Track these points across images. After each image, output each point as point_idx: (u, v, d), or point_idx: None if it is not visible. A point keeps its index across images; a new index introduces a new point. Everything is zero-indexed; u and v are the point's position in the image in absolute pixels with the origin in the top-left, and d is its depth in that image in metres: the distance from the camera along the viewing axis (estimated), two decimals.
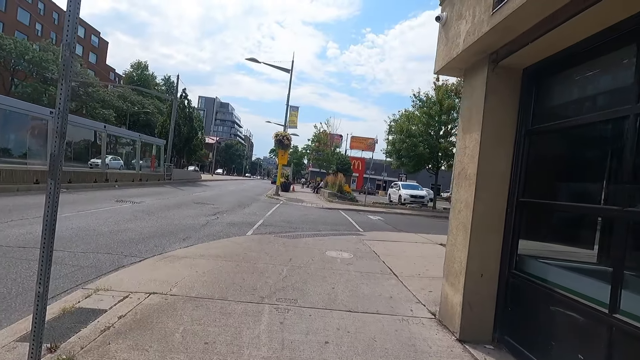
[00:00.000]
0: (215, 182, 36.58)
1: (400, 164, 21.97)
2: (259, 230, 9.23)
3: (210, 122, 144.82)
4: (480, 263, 3.41)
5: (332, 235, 9.16)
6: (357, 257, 6.57)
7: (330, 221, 12.63)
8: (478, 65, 3.59)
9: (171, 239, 6.96)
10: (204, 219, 10.10)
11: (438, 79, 21.23)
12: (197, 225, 8.93)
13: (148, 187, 18.81)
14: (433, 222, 16.08)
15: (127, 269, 4.66)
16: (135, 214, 9.46)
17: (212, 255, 5.67)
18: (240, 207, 14.47)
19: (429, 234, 10.63)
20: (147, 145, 23.74)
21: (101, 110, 44.63)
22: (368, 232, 10.20)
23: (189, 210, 11.48)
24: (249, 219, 11.01)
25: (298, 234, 8.85)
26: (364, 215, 15.94)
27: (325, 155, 38.74)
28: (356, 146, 66.81)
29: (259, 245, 6.84)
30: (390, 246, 7.96)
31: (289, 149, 25.66)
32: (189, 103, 31.13)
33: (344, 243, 7.91)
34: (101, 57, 60.76)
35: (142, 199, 13.26)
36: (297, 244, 7.31)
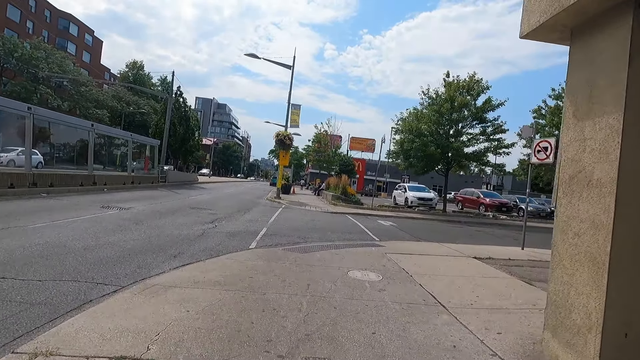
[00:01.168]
0: (212, 184, 35.28)
1: (408, 165, 20.79)
2: (264, 241, 8.02)
3: (207, 123, 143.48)
4: (623, 316, 2.22)
5: (348, 246, 7.96)
6: (387, 278, 5.36)
7: (341, 228, 11.42)
8: (610, 16, 2.39)
9: (159, 257, 5.73)
10: (200, 228, 8.87)
11: (448, 75, 20.16)
12: (191, 236, 7.69)
13: (140, 191, 17.53)
14: (449, 228, 14.90)
15: (93, 309, 3.42)
16: (121, 224, 8.21)
17: (209, 281, 4.45)
18: (240, 212, 13.24)
19: (454, 244, 9.45)
20: (140, 146, 22.44)
21: (94, 111, 43.29)
22: (386, 242, 8.99)
23: (183, 218, 10.23)
24: (250, 227, 9.79)
25: (309, 246, 7.64)
26: (373, 220, 14.75)
27: (326, 157, 37.53)
28: (356, 147, 65.84)
29: (266, 264, 5.62)
30: (419, 261, 6.76)
31: (290, 150, 24.45)
32: (184, 102, 29.84)
33: (364, 258, 6.70)
34: (95, 56, 59.33)
35: (131, 204, 12.00)
36: (311, 261, 6.09)
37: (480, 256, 7.60)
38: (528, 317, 4.17)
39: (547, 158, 8.69)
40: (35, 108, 11.51)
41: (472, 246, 9.27)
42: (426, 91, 20.24)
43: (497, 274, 6.19)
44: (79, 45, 54.25)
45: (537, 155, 8.97)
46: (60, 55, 39.53)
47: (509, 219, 20.77)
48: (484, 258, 7.48)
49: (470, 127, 20.00)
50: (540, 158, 8.89)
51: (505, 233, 14.17)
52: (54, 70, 36.55)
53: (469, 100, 18.66)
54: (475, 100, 19.35)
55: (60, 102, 39.38)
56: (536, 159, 8.99)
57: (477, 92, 19.28)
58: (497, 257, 7.64)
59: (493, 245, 9.87)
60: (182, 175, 29.29)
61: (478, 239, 11.57)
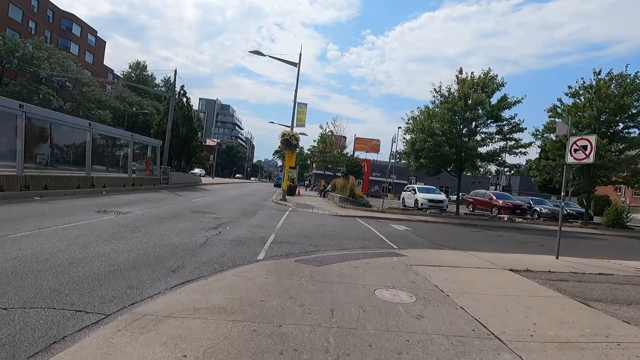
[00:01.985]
0: (215, 185, 34.59)
1: (419, 166, 19.94)
2: (273, 250, 7.23)
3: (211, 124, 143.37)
4: None
5: (366, 256, 7.16)
6: (422, 299, 4.56)
7: (354, 234, 10.62)
8: None
9: (155, 272, 4.96)
10: (203, 234, 8.10)
11: (461, 71, 19.31)
12: (193, 245, 6.92)
13: (141, 193, 16.81)
14: (467, 233, 14.05)
15: (61, 355, 2.65)
16: (116, 231, 7.46)
17: (213, 308, 3.66)
18: (245, 216, 12.47)
19: (480, 252, 8.62)
20: (142, 147, 21.76)
21: (97, 111, 42.79)
22: (406, 251, 8.18)
23: (185, 223, 9.47)
24: (257, 234, 9.01)
25: (323, 257, 6.85)
26: (386, 225, 13.93)
27: (331, 157, 36.72)
28: (360, 148, 65.05)
29: (278, 281, 4.82)
30: (450, 275, 5.94)
31: (296, 150, 23.69)
32: (187, 101, 29.14)
33: (388, 272, 5.89)
34: (98, 56, 58.95)
35: (130, 208, 11.27)
36: (329, 276, 5.30)
37: (516, 268, 6.77)
38: (608, 354, 3.36)
39: (587, 157, 7.86)
40: (27, 106, 10.82)
41: (500, 255, 8.43)
42: (438, 89, 19.42)
43: (545, 292, 5.36)
44: (82, 45, 53.86)
45: (574, 154, 8.13)
46: (62, 55, 39.07)
47: (525, 222, 19.86)
48: (521, 271, 6.64)
49: (485, 126, 19.14)
50: (578, 158, 8.05)
51: (528, 238, 13.29)
52: (55, 71, 36.05)
53: (483, 97, 17.79)
54: (490, 97, 18.48)
55: (62, 102, 38.91)
56: (573, 159, 8.15)
57: (491, 89, 18.42)
58: (535, 269, 6.80)
59: (522, 254, 9.03)
60: (184, 177, 28.61)
61: (502, 246, 10.72)
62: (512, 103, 18.03)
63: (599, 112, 19.12)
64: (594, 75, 20.22)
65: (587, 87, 20.10)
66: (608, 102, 18.71)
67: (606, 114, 19.34)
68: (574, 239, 14.23)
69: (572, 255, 9.01)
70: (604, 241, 14.68)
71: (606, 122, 19.37)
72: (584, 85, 20.17)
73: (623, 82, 19.40)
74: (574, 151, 8.04)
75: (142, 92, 58.32)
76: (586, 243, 13.70)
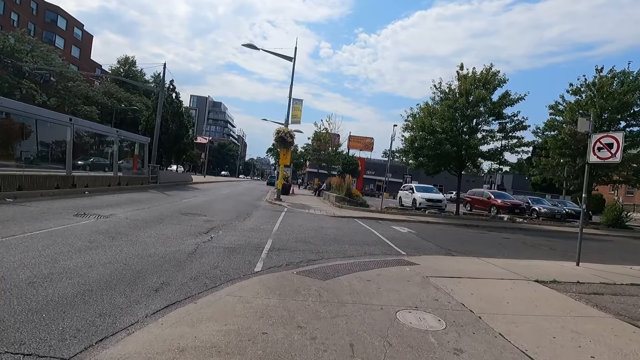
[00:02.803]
0: (206, 184, 33.61)
1: (419, 165, 19.31)
2: (271, 260, 6.47)
3: (202, 121, 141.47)
4: None
5: (375, 265, 6.44)
6: (452, 324, 3.85)
7: (357, 238, 9.90)
8: None
9: (134, 293, 4.16)
10: (193, 241, 7.30)
11: (462, 67, 18.70)
12: (181, 255, 6.12)
13: (127, 193, 15.86)
14: (472, 235, 13.45)
15: None
16: (93, 238, 6.61)
17: (203, 346, 2.89)
18: (239, 218, 11.67)
19: (495, 259, 7.99)
20: (130, 144, 20.70)
21: (83, 107, 41.27)
22: (416, 258, 7.49)
23: (172, 227, 8.64)
24: (253, 239, 8.23)
25: (329, 267, 6.12)
26: (387, 226, 13.26)
27: (326, 155, 35.94)
28: (354, 146, 64.45)
29: (281, 303, 4.07)
30: (475, 289, 5.26)
31: (292, 148, 22.89)
32: (177, 97, 28.06)
33: (405, 286, 5.18)
34: (85, 51, 57.10)
35: (113, 210, 10.38)
36: (339, 293, 4.57)
37: (542, 279, 6.12)
38: None
39: (613, 157, 7.24)
40: None
41: (517, 262, 7.80)
42: (438, 85, 18.80)
43: (586, 310, 4.70)
44: (68, 39, 52.03)
45: (597, 153, 7.51)
46: (45, 49, 37.52)
47: (526, 222, 19.40)
48: (548, 282, 6.00)
49: (486, 124, 18.59)
50: (602, 157, 7.43)
51: (536, 241, 12.75)
52: (38, 64, 34.56)
53: (485, 94, 17.21)
54: (491, 94, 17.92)
55: (46, 98, 37.39)
56: (596, 158, 7.53)
57: (493, 85, 17.86)
58: (563, 280, 6.16)
59: (539, 260, 8.41)
60: (174, 175, 27.56)
61: (513, 250, 10.12)
62: (514, 100, 17.49)
63: (602, 110, 18.72)
64: (596, 73, 19.86)
65: (589, 85, 19.70)
66: (611, 100, 18.31)
67: (609, 111, 18.96)
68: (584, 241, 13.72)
69: (589, 261, 8.43)
70: (611, 242, 14.24)
71: (609, 120, 18.98)
72: (586, 83, 19.77)
73: (625, 80, 19.04)
74: (597, 150, 7.43)
75: (131, 88, 56.80)
76: (594, 246, 13.20)
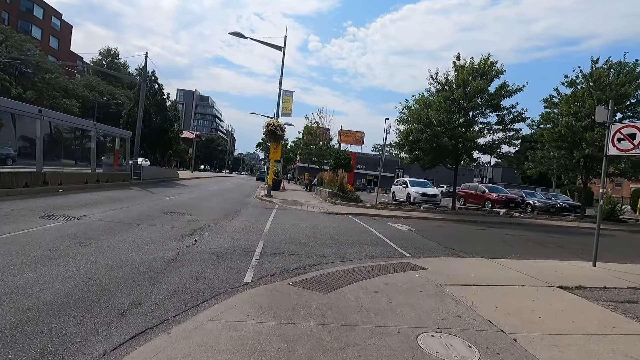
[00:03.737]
0: (193, 180, 32.47)
1: (414, 159, 18.69)
2: (263, 266, 5.71)
3: (189, 116, 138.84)
4: None
5: (380, 271, 5.73)
6: (486, 352, 3.16)
7: (354, 237, 9.19)
8: None
9: (93, 319, 3.35)
10: (174, 246, 6.47)
11: (459, 57, 18.08)
12: (158, 263, 5.31)
13: (106, 191, 14.81)
14: (473, 232, 12.91)
15: None
16: (57, 245, 5.73)
17: None
18: (227, 217, 10.84)
19: (506, 260, 7.40)
20: (113, 140, 19.50)
21: (62, 100, 39.48)
22: (423, 261, 6.82)
23: (152, 229, 7.78)
24: (242, 242, 7.44)
25: (328, 274, 5.38)
26: (384, 223, 12.61)
27: (318, 150, 35.12)
28: (345, 140, 63.74)
29: (277, 328, 3.31)
30: (498, 301, 4.60)
31: (282, 142, 22.01)
32: (160, 88, 26.75)
33: (419, 298, 4.49)
34: (64, 42, 54.75)
35: (88, 210, 9.43)
36: (345, 313, 3.84)
37: (566, 284, 5.51)
38: None
39: (636, 148, 6.65)
40: None
41: (531, 263, 7.20)
42: (435, 76, 18.12)
43: (631, 326, 4.07)
44: (45, 29, 49.69)
45: (617, 144, 6.91)
46: (20, 38, 35.56)
47: (523, 217, 19.03)
48: (573, 288, 5.39)
49: (483, 116, 18.04)
50: (623, 148, 6.84)
51: (540, 237, 12.26)
52: (12, 55, 32.70)
53: (483, 85, 16.62)
54: (489, 85, 17.35)
55: (22, 90, 35.53)
56: (616, 149, 6.94)
57: (491, 76, 17.29)
58: (588, 285, 5.57)
59: (552, 260, 7.85)
60: (159, 171, 26.37)
61: (520, 249, 9.57)
62: (512, 91, 16.96)
63: (599, 101, 18.35)
64: (592, 64, 19.51)
65: (585, 76, 19.32)
66: (609, 91, 17.95)
67: (605, 103, 18.61)
68: (584, 236, 13.36)
69: (600, 259, 7.89)
70: (612, 237, 13.89)
71: None
72: (582, 74, 19.39)
73: (622, 70, 18.72)
74: (617, 141, 6.84)
75: (114, 81, 54.86)
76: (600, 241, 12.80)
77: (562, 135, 19.04)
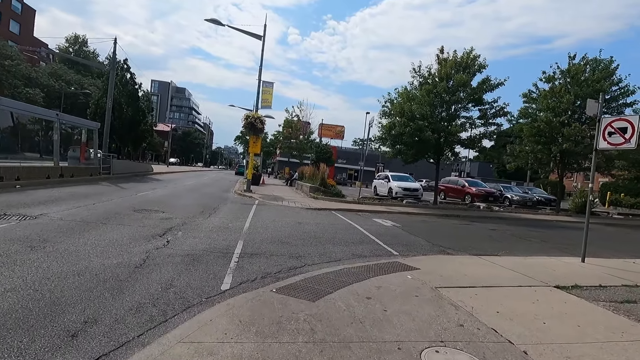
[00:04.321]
0: (169, 175, 31.19)
1: (396, 153, 18.47)
2: (243, 270, 5.19)
3: (165, 108, 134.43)
4: None
5: (370, 272, 5.34)
6: None
7: (340, 235, 8.78)
8: None
9: (35, 344, 2.76)
10: (143, 248, 5.84)
11: (442, 50, 17.91)
12: (123, 270, 4.69)
13: (71, 187, 13.74)
14: (458, 227, 12.79)
15: None
16: (2, 250, 4.99)
17: None
18: (204, 214, 10.19)
19: (495, 257, 7.20)
20: (75, 130, 18.18)
21: (25, 90, 36.92)
22: (413, 260, 6.49)
23: (119, 229, 7.07)
24: (220, 242, 6.87)
25: (314, 278, 4.93)
26: (368, 219, 12.28)
27: (298, 143, 34.47)
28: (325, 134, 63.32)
29: (260, 352, 2.82)
30: (498, 304, 4.29)
31: (262, 135, 21.29)
32: (132, 78, 25.28)
33: (415, 304, 4.11)
34: (26, 27, 51.28)
35: (47, 208, 8.56)
36: (337, 325, 3.39)
37: (562, 284, 5.30)
38: None
39: (627, 142, 6.52)
40: None
41: (521, 260, 7.02)
42: (418, 69, 17.90)
43: (636, 330, 3.84)
44: (5, 12, 46.29)
45: (608, 138, 6.78)
46: None
47: (503, 211, 19.25)
48: (570, 288, 5.18)
49: (465, 110, 18.00)
50: (614, 142, 6.71)
51: (521, 232, 12.29)
52: None
53: (466, 78, 16.52)
54: (471, 79, 17.29)
55: None
56: (607, 144, 6.80)
57: (473, 70, 17.22)
58: (584, 284, 5.38)
59: (541, 257, 7.71)
60: (132, 165, 25.03)
61: (507, 245, 9.45)
62: (494, 85, 16.97)
63: (576, 97, 18.72)
64: (569, 60, 19.84)
65: (563, 72, 19.63)
66: (586, 87, 18.29)
67: (581, 99, 19.00)
68: (564, 230, 13.56)
69: (596, 256, 7.85)
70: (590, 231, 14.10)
71: (582, 107, 19.02)
72: (560, 69, 19.69)
73: (597, 67, 19.12)
74: (608, 135, 6.70)
75: (82, 69, 52.01)
76: (578, 235, 13.00)
77: (541, 130, 19.32)
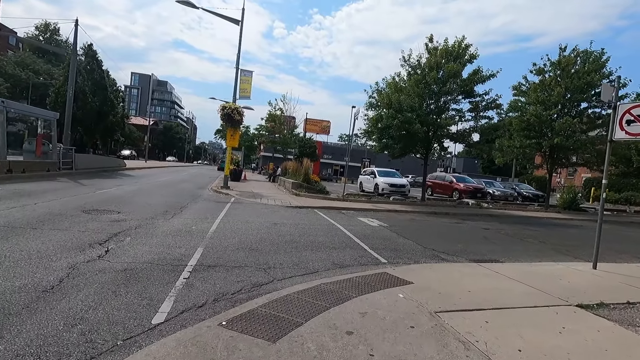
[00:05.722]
0: (144, 170, 29.47)
1: (383, 147, 17.51)
2: (191, 291, 4.05)
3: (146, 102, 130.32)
4: None
5: (354, 290, 4.29)
6: None
7: (320, 239, 7.69)
8: None
9: None
10: (70, 260, 4.62)
11: (431, 39, 16.97)
12: (27, 294, 3.49)
13: (18, 184, 12.21)
14: (449, 226, 11.92)
15: None
16: None
17: None
18: (167, 214, 8.94)
19: (498, 264, 6.28)
20: (33, 120, 16.49)
21: None
22: (404, 270, 5.49)
23: (51, 236, 5.80)
24: (173, 249, 5.69)
25: (281, 300, 3.84)
26: (353, 218, 11.28)
27: (282, 138, 33.19)
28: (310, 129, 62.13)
29: None
30: (517, 336, 3.30)
31: (240, 127, 19.97)
32: (99, 65, 23.42)
33: (412, 341, 3.08)
34: None
35: None
36: None
37: (583, 302, 4.38)
38: None
39: None
40: None
41: (526, 268, 6.11)
42: (407, 57, 16.90)
43: None
44: None
45: (626, 127, 5.88)
46: None
47: (493, 208, 18.58)
48: (594, 306, 4.27)
49: (455, 102, 17.15)
50: (633, 132, 5.81)
51: (516, 230, 11.50)
52: None
53: (457, 68, 15.63)
54: (462, 69, 16.44)
55: None
56: (624, 133, 5.91)
57: (464, 60, 16.36)
58: (608, 301, 4.47)
59: (547, 263, 6.84)
60: (99, 160, 23.28)
61: (505, 247, 8.58)
62: (486, 77, 16.16)
63: (566, 89, 18.14)
64: (560, 52, 19.27)
65: (554, 63, 19.02)
66: (576, 79, 17.72)
67: (571, 91, 18.45)
68: (558, 229, 12.90)
69: (586, 255, 7.10)
70: (582, 229, 13.59)
71: (573, 100, 18.48)
72: (551, 61, 19.08)
73: (588, 59, 18.59)
74: (626, 123, 5.81)
75: (53, 59, 49.08)
76: (573, 233, 12.37)
77: (530, 124, 18.70)
